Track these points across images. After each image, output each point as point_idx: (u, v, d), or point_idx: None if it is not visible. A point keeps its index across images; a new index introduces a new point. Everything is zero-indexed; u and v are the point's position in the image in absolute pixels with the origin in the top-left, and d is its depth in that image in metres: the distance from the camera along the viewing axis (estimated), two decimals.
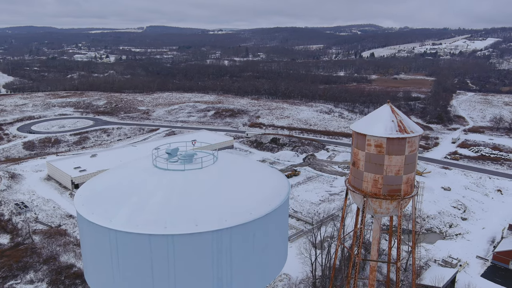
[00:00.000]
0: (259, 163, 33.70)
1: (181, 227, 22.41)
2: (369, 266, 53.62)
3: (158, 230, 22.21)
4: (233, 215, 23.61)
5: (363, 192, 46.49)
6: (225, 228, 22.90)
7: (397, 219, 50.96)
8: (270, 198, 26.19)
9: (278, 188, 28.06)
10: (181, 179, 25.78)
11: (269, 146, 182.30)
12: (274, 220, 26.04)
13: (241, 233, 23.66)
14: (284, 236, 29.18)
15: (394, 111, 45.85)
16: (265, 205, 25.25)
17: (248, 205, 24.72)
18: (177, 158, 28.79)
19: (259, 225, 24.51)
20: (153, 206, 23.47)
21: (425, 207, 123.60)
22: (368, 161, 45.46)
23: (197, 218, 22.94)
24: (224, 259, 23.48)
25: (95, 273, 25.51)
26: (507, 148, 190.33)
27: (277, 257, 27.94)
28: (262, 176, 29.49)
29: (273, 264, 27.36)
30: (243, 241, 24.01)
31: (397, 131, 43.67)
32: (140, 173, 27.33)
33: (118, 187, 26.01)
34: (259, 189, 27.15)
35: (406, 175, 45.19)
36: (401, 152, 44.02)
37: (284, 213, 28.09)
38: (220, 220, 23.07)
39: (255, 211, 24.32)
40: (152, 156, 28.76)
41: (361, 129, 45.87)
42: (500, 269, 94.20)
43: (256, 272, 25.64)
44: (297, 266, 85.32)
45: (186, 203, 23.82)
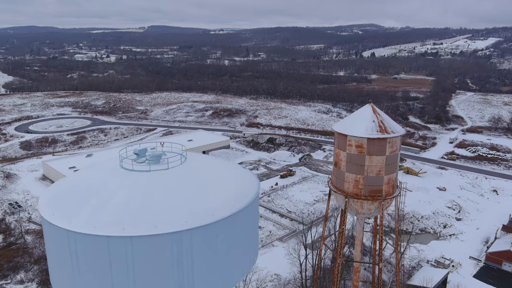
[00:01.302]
0: (230, 163, 33.46)
1: (140, 229, 22.14)
2: (353, 267, 53.35)
3: (116, 232, 21.95)
4: (195, 216, 23.34)
5: (345, 192, 46.26)
6: (185, 230, 22.63)
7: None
8: (236, 199, 25.90)
9: (246, 189, 27.77)
10: (145, 180, 25.56)
11: (265, 146, 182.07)
12: (239, 221, 25.75)
13: (202, 234, 23.39)
14: (252, 237, 28.89)
15: (376, 111, 45.63)
16: (230, 206, 24.96)
17: (211, 207, 24.45)
18: (144, 159, 28.56)
19: (222, 227, 24.24)
20: (114, 208, 23.25)
21: (419, 207, 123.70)
22: (349, 162, 45.24)
23: (157, 220, 22.68)
24: (185, 261, 23.23)
25: (58, 275, 25.32)
26: (505, 148, 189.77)
27: (244, 259, 27.65)
28: (231, 177, 29.23)
29: (239, 266, 27.08)
30: (205, 243, 23.75)
31: (378, 131, 43.43)
32: (105, 174, 27.17)
33: (82, 188, 25.81)
34: (226, 190, 26.87)
35: (388, 175, 44.92)
36: (382, 152, 43.76)
37: (252, 214, 27.80)
38: (180, 221, 22.81)
39: (218, 213, 24.04)
40: (119, 156, 28.49)
41: (342, 129, 45.66)
42: (492, 270, 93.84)
43: (220, 274, 25.37)
44: (288, 267, 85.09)
45: (147, 205, 23.57)
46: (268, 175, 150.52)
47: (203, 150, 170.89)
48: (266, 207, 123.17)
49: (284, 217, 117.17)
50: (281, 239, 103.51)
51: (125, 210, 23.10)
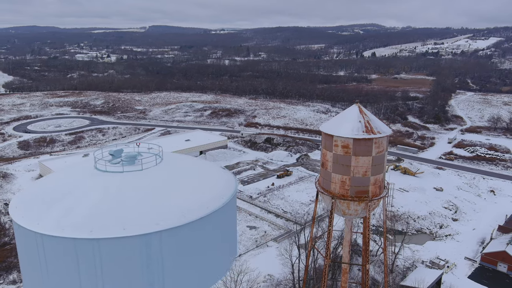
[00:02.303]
0: (209, 164, 33.13)
1: (108, 231, 21.85)
2: (342, 268, 52.99)
3: (83, 234, 21.66)
4: (166, 218, 23.03)
5: (332, 193, 45.92)
6: (155, 232, 22.31)
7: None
8: (210, 201, 25.58)
9: (221, 190, 27.42)
10: (118, 181, 25.26)
11: (263, 146, 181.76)
12: (213, 223, 25.42)
13: (173, 236, 23.06)
14: (229, 239, 28.52)
15: (362, 111, 45.28)
16: (203, 208, 24.65)
17: (184, 208, 24.13)
18: (120, 160, 28.24)
19: (194, 229, 23.91)
20: (83, 209, 22.95)
21: (416, 207, 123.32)
22: (336, 162, 44.89)
23: (127, 222, 22.37)
24: (154, 264, 22.92)
25: (28, 277, 25.06)
26: (503, 148, 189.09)
27: (220, 261, 27.32)
28: (208, 178, 28.92)
29: (214, 268, 26.73)
30: (176, 245, 23.43)
31: (364, 131, 43.08)
32: (79, 176, 26.90)
33: (54, 190, 25.53)
34: (201, 191, 26.55)
35: (374, 176, 44.55)
36: (368, 153, 43.40)
37: (227, 216, 27.43)
38: (150, 223, 22.51)
39: (190, 214, 23.71)
40: (94, 157, 28.19)
41: (328, 130, 45.29)
42: (488, 271, 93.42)
43: (193, 276, 25.05)
44: (282, 267, 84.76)
45: (118, 206, 23.29)
46: (265, 175, 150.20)
47: (200, 150, 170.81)
48: (262, 207, 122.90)
49: (279, 217, 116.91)
50: (276, 239, 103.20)
51: (95, 212, 22.81)
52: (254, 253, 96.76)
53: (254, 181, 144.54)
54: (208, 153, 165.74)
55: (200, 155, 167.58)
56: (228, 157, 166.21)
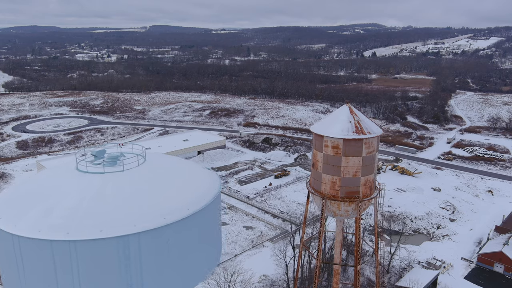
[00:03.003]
0: (193, 164, 32.81)
1: (85, 233, 21.65)
2: (333, 269, 52.76)
3: (60, 236, 21.47)
4: (145, 220, 22.82)
5: (322, 194, 45.70)
6: (133, 234, 22.11)
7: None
8: (191, 202, 25.35)
9: (204, 191, 27.20)
10: (98, 182, 25.04)
11: (261, 146, 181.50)
12: (195, 224, 25.20)
13: (152, 238, 22.85)
14: (212, 240, 28.27)
15: (353, 111, 45.03)
16: (184, 209, 24.43)
17: (164, 209, 23.92)
18: (102, 161, 28.03)
19: (174, 230, 23.70)
20: (62, 211, 22.75)
21: (413, 207, 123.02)
22: (326, 163, 44.68)
23: (105, 223, 22.17)
24: (133, 266, 22.69)
25: (7, 279, 24.86)
26: (502, 148, 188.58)
27: (202, 262, 27.10)
28: (191, 179, 28.69)
29: (196, 270, 26.52)
30: (155, 247, 23.20)
31: (354, 132, 42.86)
32: (60, 176, 26.74)
33: (33, 191, 25.33)
34: (183, 192, 26.33)
35: (364, 176, 44.35)
36: (358, 153, 43.20)
37: (210, 217, 27.20)
38: (128, 225, 22.30)
39: (170, 216, 23.52)
40: (76, 158, 28.00)
41: (318, 130, 45.08)
42: (484, 271, 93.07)
43: (174, 278, 24.83)
44: (277, 268, 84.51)
45: (97, 208, 23.07)
46: (263, 175, 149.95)
47: (198, 150, 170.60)
48: (259, 208, 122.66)
49: (276, 217, 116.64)
50: (272, 239, 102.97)
51: (73, 214, 22.59)
52: (250, 254, 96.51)
53: (252, 181, 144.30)
54: (206, 153, 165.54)
55: (198, 155, 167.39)
56: (226, 157, 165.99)
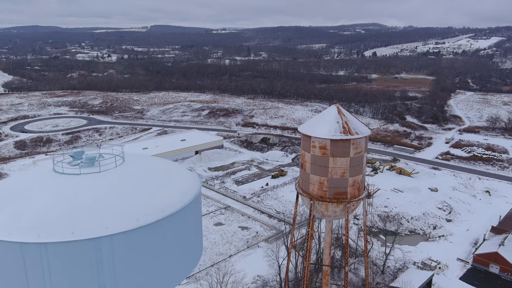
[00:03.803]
0: (174, 165, 32.51)
1: (56, 235, 21.38)
2: (323, 270, 52.46)
3: (30, 238, 21.20)
4: (118, 222, 22.53)
5: (310, 195, 45.42)
6: (105, 236, 21.84)
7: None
8: (168, 204, 25.04)
9: (182, 193, 26.89)
10: (74, 184, 24.77)
11: (259, 146, 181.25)
12: (170, 226, 24.92)
13: (125, 240, 22.57)
14: (190, 242, 27.96)
15: (341, 112, 44.74)
16: (159, 211, 24.14)
17: (139, 211, 23.63)
18: (79, 162, 27.76)
19: (148, 233, 23.40)
20: (34, 213, 22.48)
21: (409, 208, 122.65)
22: (314, 163, 44.40)
23: (77, 225, 21.89)
24: (106, 268, 22.40)
25: None
26: (501, 149, 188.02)
27: (179, 264, 26.82)
28: (170, 180, 28.38)
29: (173, 272, 26.22)
30: (129, 249, 22.92)
31: (341, 132, 42.56)
32: (35, 178, 26.49)
33: (7, 193, 25.06)
34: (160, 193, 26.02)
35: (352, 177, 44.02)
36: (346, 154, 42.89)
37: (188, 219, 26.88)
38: (101, 227, 22.03)
39: (144, 218, 23.23)
40: (52, 159, 27.72)
41: (306, 130, 44.81)
42: (480, 272, 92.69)
43: (149, 281, 24.56)
44: (271, 268, 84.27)
45: (69, 210, 22.78)
46: (260, 175, 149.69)
47: (195, 150, 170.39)
48: (255, 208, 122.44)
49: (272, 217, 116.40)
50: (267, 240, 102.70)
51: (45, 216, 22.32)
52: (244, 254, 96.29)
53: (249, 181, 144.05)
54: (203, 153, 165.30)
55: (196, 155, 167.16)
56: (223, 157, 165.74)
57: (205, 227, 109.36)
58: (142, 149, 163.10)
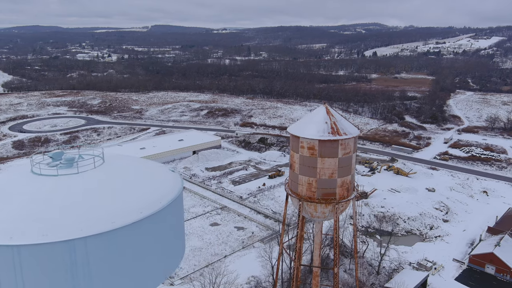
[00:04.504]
0: (156, 166, 32.11)
1: (29, 237, 21.14)
2: (313, 271, 52.16)
3: (2, 241, 20.98)
4: (93, 224, 22.31)
5: (299, 196, 45.17)
6: (79, 238, 21.60)
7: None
8: (146, 205, 24.78)
9: (162, 194, 26.62)
10: (51, 185, 24.54)
11: (256, 146, 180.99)
12: (149, 227, 24.65)
13: (100, 243, 22.33)
14: (170, 243, 27.66)
15: (329, 112, 44.47)
16: (136, 212, 23.91)
17: (115, 213, 23.39)
18: (58, 163, 27.52)
19: (124, 234, 23.16)
20: (7, 214, 22.25)
21: (406, 208, 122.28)
22: (302, 164, 44.16)
23: (51, 228, 21.66)
24: (80, 271, 22.16)
25: None
26: (500, 149, 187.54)
27: (159, 266, 26.53)
28: (150, 181, 28.09)
29: (152, 273, 25.96)
30: (104, 251, 22.68)
31: (330, 133, 42.30)
32: (12, 179, 26.25)
33: None
34: (138, 195, 25.74)
35: (341, 178, 43.77)
36: (334, 154, 42.62)
37: (167, 220, 26.61)
38: (75, 229, 21.79)
39: (120, 220, 22.98)
40: (31, 160, 27.47)
41: (295, 131, 44.56)
42: (475, 273, 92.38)
43: (126, 283, 24.32)
44: (264, 269, 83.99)
45: (44, 211, 22.55)
46: (257, 175, 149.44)
47: (193, 150, 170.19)
48: (251, 208, 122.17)
49: (268, 218, 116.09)
50: (263, 240, 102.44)
51: (19, 217, 22.07)
52: (240, 254, 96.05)
53: (246, 181, 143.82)
54: (200, 153, 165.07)
55: (193, 155, 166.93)
56: (220, 157, 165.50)
57: (201, 228, 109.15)
58: (139, 149, 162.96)
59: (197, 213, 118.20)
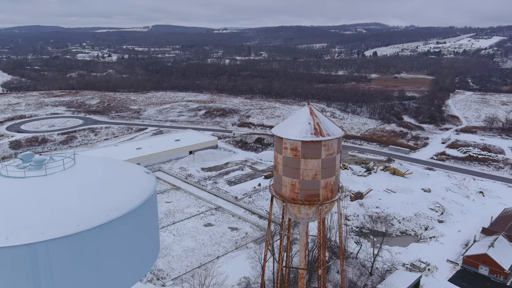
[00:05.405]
0: (129, 167, 31.72)
1: None
2: (298, 273, 51.81)
3: None
4: (57, 227, 21.98)
5: (282, 197, 44.81)
6: (40, 242, 21.27)
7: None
8: (114, 207, 24.41)
9: (133, 196, 26.25)
10: (16, 187, 24.23)
11: (253, 146, 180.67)
12: (116, 230, 24.29)
13: (63, 246, 21.98)
14: (141, 245, 27.30)
15: (313, 113, 44.10)
16: (103, 215, 23.57)
17: (81, 216, 23.05)
18: (28, 164, 27.20)
19: (90, 237, 22.83)
20: None
21: (401, 208, 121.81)
22: (286, 165, 43.82)
23: (12, 231, 21.34)
24: (42, 275, 21.83)
25: None
26: (497, 149, 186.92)
27: (129, 269, 26.18)
28: (120, 183, 27.74)
29: (121, 276, 25.60)
30: (68, 255, 22.35)
31: (312, 134, 41.94)
32: None
33: None
34: (107, 197, 25.39)
35: (324, 179, 43.37)
36: (317, 155, 42.25)
37: (138, 221, 26.27)
38: (37, 232, 21.46)
39: (85, 223, 22.64)
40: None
41: (278, 132, 44.25)
42: (469, 274, 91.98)
43: (94, 286, 23.99)
44: (254, 270, 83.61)
45: (7, 214, 22.23)
46: (253, 175, 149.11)
47: (189, 150, 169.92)
48: (246, 208, 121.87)
49: (262, 218, 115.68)
50: (256, 241, 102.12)
51: None
52: (232, 255, 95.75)
53: (241, 181, 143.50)
54: (196, 153, 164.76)
55: (190, 155, 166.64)
56: (217, 157, 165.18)
57: (194, 228, 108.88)
58: (135, 149, 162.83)
59: (191, 213, 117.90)
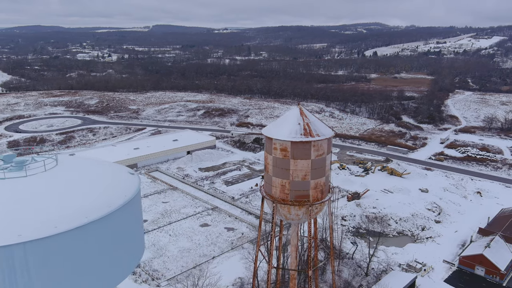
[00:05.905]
0: (113, 168, 31.52)
1: None
2: (290, 274, 51.59)
3: None
4: (34, 229, 21.82)
5: (272, 198, 44.61)
6: (17, 244, 21.12)
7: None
8: (94, 208, 24.29)
9: (115, 197, 26.10)
10: None
11: (251, 146, 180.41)
12: (96, 232, 24.13)
13: (40, 248, 21.84)
14: (123, 246, 27.09)
15: (303, 113, 43.87)
16: (81, 217, 23.40)
17: (60, 217, 22.88)
18: (9, 166, 27.04)
19: (68, 239, 22.67)
20: None
21: (398, 209, 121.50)
22: (275, 166, 43.62)
23: None
24: (19, 276, 21.69)
25: None
26: (496, 149, 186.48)
27: (111, 270, 26.00)
28: (103, 184, 27.56)
29: (102, 277, 25.42)
30: (46, 256, 22.19)
31: (302, 134, 41.72)
32: None
33: None
34: (87, 198, 25.21)
35: (314, 180, 43.17)
36: (307, 156, 42.04)
37: (119, 223, 26.06)
38: (13, 235, 21.30)
39: (63, 225, 22.48)
40: None
41: (268, 133, 44.02)
42: (465, 274, 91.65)
43: (73, 286, 23.80)
44: (247, 271, 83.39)
45: None
46: (250, 175, 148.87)
47: (187, 150, 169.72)
48: (242, 209, 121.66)
49: (259, 218, 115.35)
50: (252, 241, 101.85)
51: None
52: (228, 255, 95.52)
53: (239, 182, 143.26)
54: (194, 153, 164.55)
55: (187, 155, 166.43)
56: (214, 157, 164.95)
57: (190, 228, 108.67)
58: (133, 149, 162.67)
59: (187, 213, 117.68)
